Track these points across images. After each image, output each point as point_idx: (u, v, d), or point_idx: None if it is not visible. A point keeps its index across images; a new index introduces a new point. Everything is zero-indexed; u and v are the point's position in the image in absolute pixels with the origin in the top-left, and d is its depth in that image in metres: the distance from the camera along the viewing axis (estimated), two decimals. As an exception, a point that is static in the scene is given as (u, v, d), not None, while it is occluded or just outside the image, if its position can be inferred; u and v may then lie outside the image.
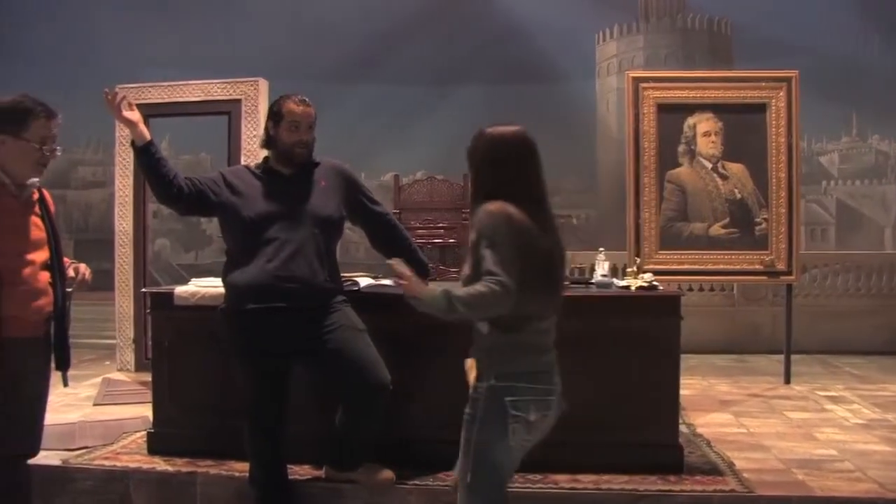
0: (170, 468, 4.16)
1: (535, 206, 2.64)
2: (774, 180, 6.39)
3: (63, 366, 3.28)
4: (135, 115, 3.43)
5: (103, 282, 7.11)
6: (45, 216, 3.20)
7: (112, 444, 4.62)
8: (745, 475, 4.01)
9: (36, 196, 3.19)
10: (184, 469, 4.13)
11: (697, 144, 6.49)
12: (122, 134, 7.08)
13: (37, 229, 3.14)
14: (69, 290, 3.27)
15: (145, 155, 3.48)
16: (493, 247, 2.52)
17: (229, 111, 6.84)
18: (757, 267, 6.42)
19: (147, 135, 3.47)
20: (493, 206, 2.59)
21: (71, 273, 3.28)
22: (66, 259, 3.30)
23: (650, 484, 3.85)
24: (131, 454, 4.43)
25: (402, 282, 2.60)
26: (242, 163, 6.69)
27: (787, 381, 6.58)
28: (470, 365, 2.71)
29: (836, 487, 3.90)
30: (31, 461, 3.28)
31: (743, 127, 6.49)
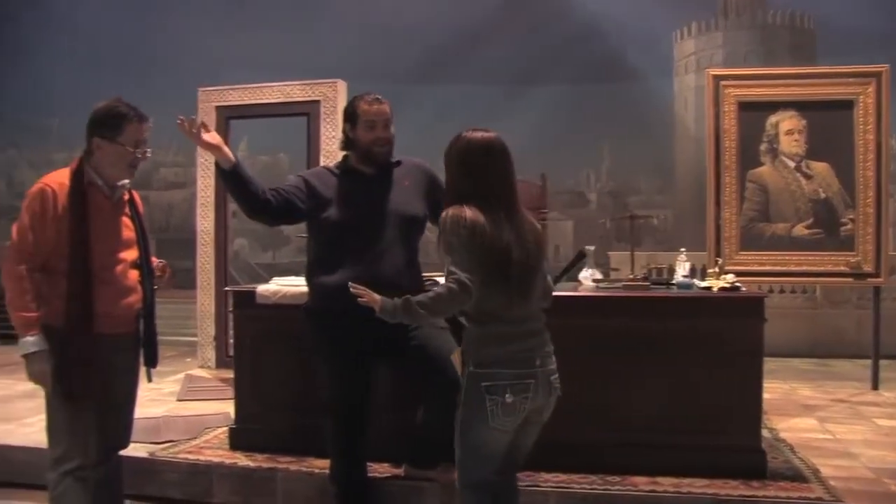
0: (251, 464, 4.24)
1: (499, 207, 2.84)
2: (861, 179, 6.21)
3: (151, 362, 3.36)
4: (215, 139, 3.37)
5: (184, 280, 7.29)
6: (135, 216, 3.30)
7: (195, 438, 4.74)
8: (832, 483, 3.89)
9: (126, 197, 3.29)
10: (265, 465, 4.20)
11: (780, 143, 6.35)
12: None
13: (127, 229, 3.25)
14: (156, 287, 3.36)
15: (232, 178, 3.42)
16: (451, 249, 2.77)
17: (308, 112, 6.94)
18: (842, 268, 6.24)
19: (232, 156, 3.40)
20: (452, 211, 2.81)
21: (156, 271, 3.38)
22: (153, 258, 3.39)
23: (732, 489, 3.77)
24: (214, 449, 4.53)
25: (361, 299, 2.91)
26: (321, 163, 6.79)
27: (875, 387, 6.38)
28: (455, 356, 3.06)
29: (930, 498, 3.75)
30: (122, 453, 3.40)
31: (828, 125, 6.32)
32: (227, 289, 6.41)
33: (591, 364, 3.97)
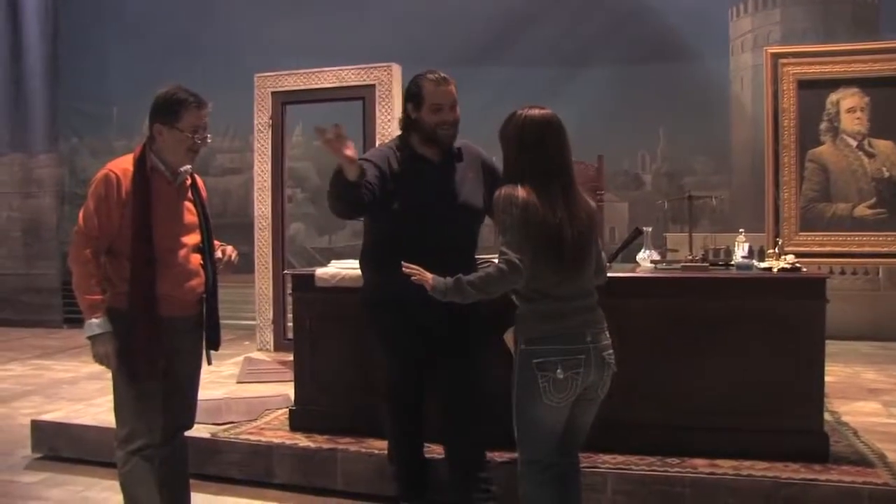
0: (311, 444, 4.31)
1: (555, 185, 2.85)
2: (928, 158, 6.05)
3: (213, 345, 3.42)
4: (353, 152, 3.20)
5: (242, 265, 7.39)
6: (198, 201, 3.35)
7: (256, 419, 4.83)
8: (898, 468, 3.82)
9: (189, 182, 3.33)
10: (325, 446, 4.27)
11: (841, 121, 6.20)
12: (259, 122, 7.33)
13: (189, 214, 3.30)
14: (220, 269, 3.41)
15: (355, 187, 3.25)
16: (504, 228, 2.80)
17: (363, 96, 6.98)
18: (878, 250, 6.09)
19: (358, 167, 3.24)
20: (505, 190, 2.84)
21: (218, 255, 3.41)
22: (215, 242, 3.43)
23: (793, 472, 3.73)
24: (274, 430, 4.61)
25: (414, 277, 2.94)
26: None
27: (941, 370, 6.24)
28: (508, 336, 3.05)
29: None
30: (188, 434, 3.47)
31: (892, 101, 6.16)
32: (285, 272, 6.49)
33: (649, 345, 3.95)
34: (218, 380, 5.98)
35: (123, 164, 3.18)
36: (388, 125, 6.77)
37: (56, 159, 10.93)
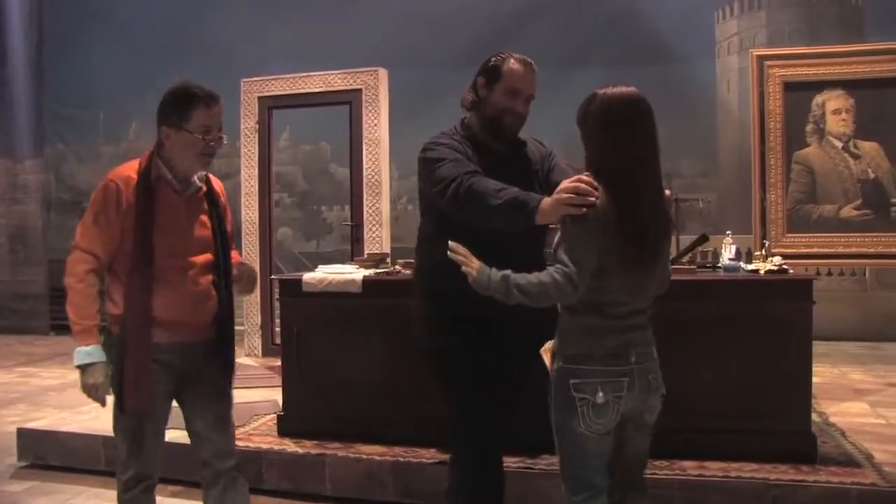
0: (300, 450, 4.29)
1: (642, 184, 2.43)
2: (913, 158, 6.08)
3: (225, 374, 3.01)
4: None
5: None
6: (214, 213, 2.95)
7: (244, 425, 4.80)
8: (886, 469, 3.83)
9: (203, 191, 2.95)
10: (313, 451, 4.25)
11: (827, 123, 6.23)
12: (246, 126, 7.32)
13: (202, 228, 2.92)
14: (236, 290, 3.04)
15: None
16: (568, 235, 2.43)
17: (350, 101, 6.98)
18: (893, 250, 6.12)
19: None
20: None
21: (235, 273, 3.03)
22: (235, 256, 3.08)
23: (781, 473, 3.74)
24: (263, 435, 4.59)
25: (464, 265, 2.52)
26: (364, 152, 6.82)
27: (928, 370, 6.27)
28: (546, 348, 2.62)
29: None
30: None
31: (877, 103, 6.19)
32: (273, 277, 6.48)
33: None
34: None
35: (126, 172, 2.85)
36: (375, 129, 6.77)
37: (42, 165, 10.86)
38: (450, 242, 2.49)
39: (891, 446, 4.23)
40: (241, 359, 7.15)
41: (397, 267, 4.65)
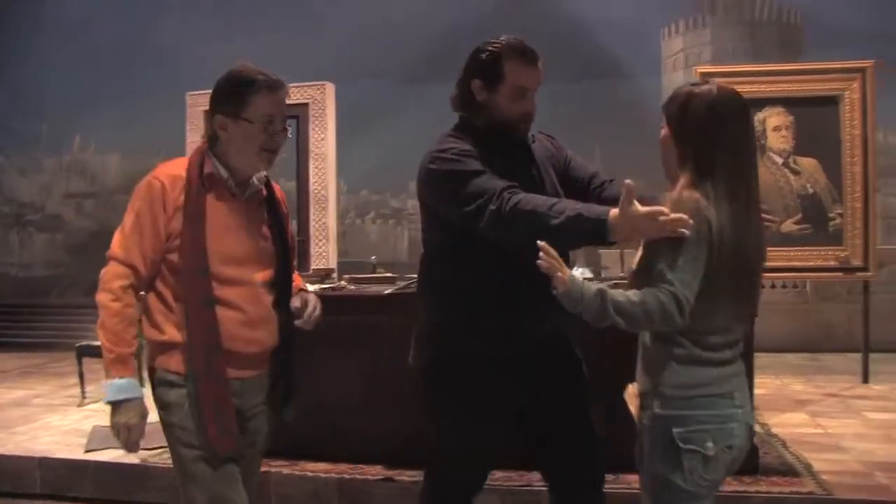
0: (244, 467, 4.23)
1: (745, 194, 2.10)
2: (849, 174, 6.23)
3: (281, 409, 2.58)
4: None
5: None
6: (275, 221, 2.51)
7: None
8: (824, 477, 3.92)
9: (264, 194, 2.50)
10: (257, 468, 4.19)
11: (767, 139, 6.37)
12: (192, 140, 7.24)
13: (262, 239, 2.46)
14: (296, 322, 2.53)
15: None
16: (679, 252, 2.01)
17: (297, 115, 6.94)
18: (832, 263, 6.26)
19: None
20: (687, 194, 2.06)
21: (296, 303, 2.52)
22: (296, 278, 2.64)
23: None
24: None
25: (550, 271, 2.08)
26: (311, 166, 6.79)
27: (866, 381, 6.40)
28: (631, 391, 2.23)
29: (920, 490, 3.77)
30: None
31: (815, 120, 6.34)
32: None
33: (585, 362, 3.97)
34: (149, 404, 5.82)
35: (173, 169, 2.38)
36: (322, 143, 6.76)
37: (-19, 178, 10.63)
38: (540, 244, 2.07)
39: (829, 455, 4.33)
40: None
41: (343, 282, 4.63)
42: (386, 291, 4.39)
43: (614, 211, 2.14)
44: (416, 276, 2.87)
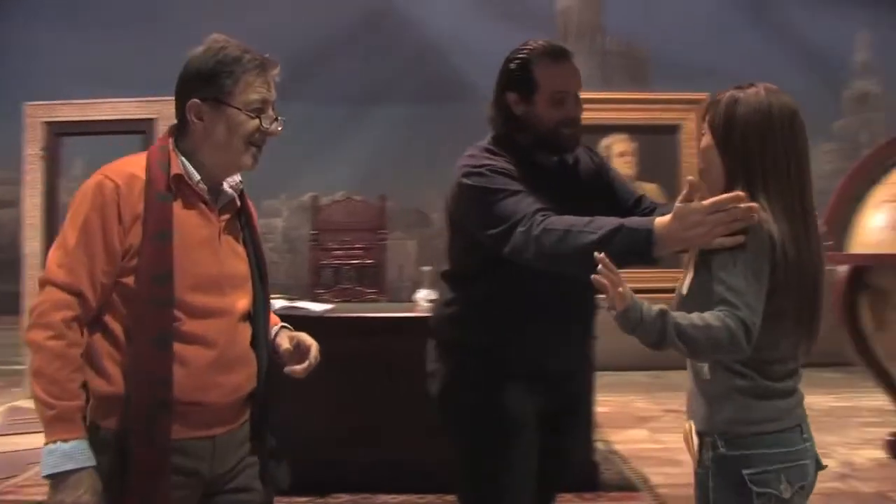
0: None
1: (802, 211, 1.89)
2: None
3: (275, 480, 2.03)
4: None
5: (9, 305, 6.88)
6: (249, 238, 2.02)
7: (16, 476, 4.46)
8: (660, 490, 4.10)
9: (238, 205, 2.01)
10: (92, 499, 3.99)
11: (613, 165, 6.62)
12: (30, 153, 6.89)
13: (237, 259, 1.97)
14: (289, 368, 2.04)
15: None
16: (738, 265, 1.80)
17: (144, 130, 6.72)
18: (672, 285, 6.53)
19: None
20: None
21: (285, 344, 2.05)
22: (273, 305, 2.25)
23: (566, 502, 3.88)
24: (39, 486, 4.27)
25: (609, 288, 1.83)
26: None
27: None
28: (688, 430, 1.98)
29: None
30: None
31: (656, 147, 6.65)
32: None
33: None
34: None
35: (129, 167, 1.88)
36: (170, 160, 6.56)
37: None
38: (598, 256, 1.82)
39: (666, 469, 4.51)
40: (19, 402, 6.65)
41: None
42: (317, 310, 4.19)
43: (661, 219, 1.97)
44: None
